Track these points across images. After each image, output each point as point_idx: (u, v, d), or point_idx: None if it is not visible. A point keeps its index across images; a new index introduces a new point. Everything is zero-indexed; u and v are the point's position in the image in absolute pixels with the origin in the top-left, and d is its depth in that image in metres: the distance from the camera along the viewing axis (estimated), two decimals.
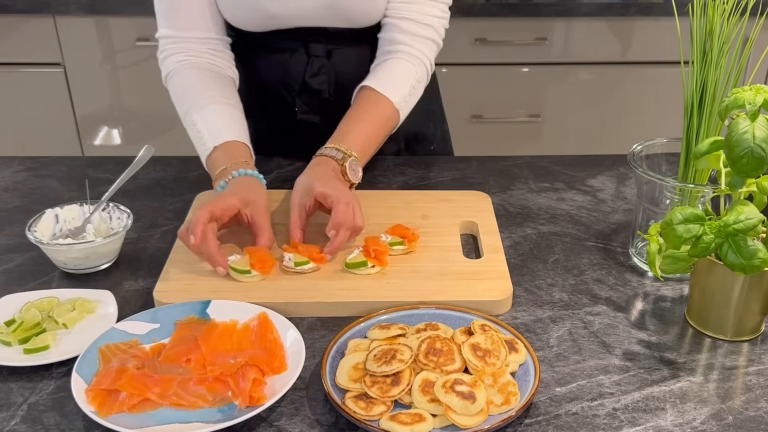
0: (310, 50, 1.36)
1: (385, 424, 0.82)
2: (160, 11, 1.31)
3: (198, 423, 0.84)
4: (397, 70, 1.30)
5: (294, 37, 1.34)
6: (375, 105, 1.27)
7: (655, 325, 1.02)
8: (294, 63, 1.37)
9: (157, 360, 0.92)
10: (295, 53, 1.36)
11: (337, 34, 1.34)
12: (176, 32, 1.30)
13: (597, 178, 1.41)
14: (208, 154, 1.22)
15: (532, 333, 1.00)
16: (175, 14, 1.30)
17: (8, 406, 0.88)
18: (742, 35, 1.02)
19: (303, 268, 1.08)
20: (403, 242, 1.13)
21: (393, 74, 1.30)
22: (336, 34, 1.34)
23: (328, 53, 1.36)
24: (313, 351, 0.96)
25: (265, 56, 1.39)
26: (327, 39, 1.35)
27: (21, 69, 2.40)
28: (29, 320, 0.98)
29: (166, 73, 1.32)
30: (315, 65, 1.36)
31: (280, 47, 1.36)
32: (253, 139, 1.29)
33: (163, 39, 1.31)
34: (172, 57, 1.30)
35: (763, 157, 0.89)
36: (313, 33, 1.34)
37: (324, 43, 1.35)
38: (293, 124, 1.42)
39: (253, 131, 1.33)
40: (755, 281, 0.94)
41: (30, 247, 1.15)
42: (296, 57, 1.36)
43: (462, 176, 1.41)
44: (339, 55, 1.37)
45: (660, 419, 0.86)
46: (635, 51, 2.44)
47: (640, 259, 1.14)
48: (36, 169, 1.42)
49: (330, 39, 1.35)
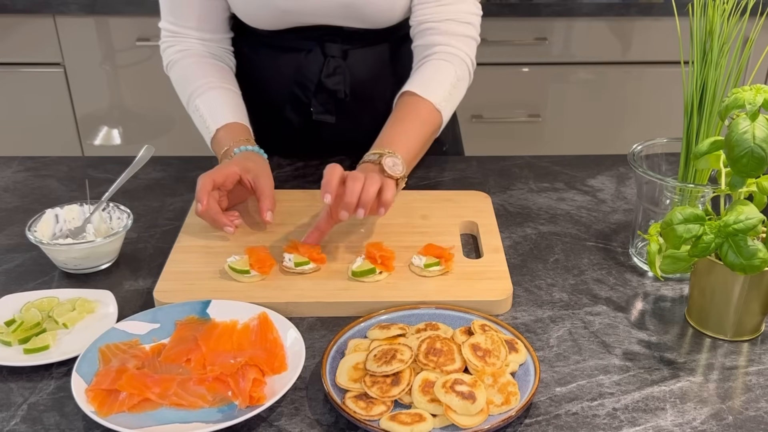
0: (326, 50, 1.35)
1: (385, 424, 0.82)
2: (163, 3, 1.34)
3: (198, 423, 0.84)
4: (436, 70, 1.30)
5: (310, 36, 1.34)
6: (414, 108, 1.26)
7: (655, 325, 1.02)
8: (310, 63, 1.37)
9: (157, 360, 0.92)
10: (311, 53, 1.36)
11: (354, 34, 1.34)
12: (176, 27, 1.34)
13: (597, 178, 1.41)
14: (212, 136, 1.27)
15: (532, 333, 1.00)
16: (176, 10, 1.33)
17: (8, 406, 0.88)
18: (742, 35, 1.02)
19: (303, 268, 1.08)
20: (439, 262, 1.08)
21: (432, 75, 1.29)
22: (352, 35, 1.34)
23: (344, 53, 1.36)
24: (313, 351, 0.96)
25: (280, 55, 1.39)
26: (343, 39, 1.35)
27: (21, 69, 2.40)
28: (29, 320, 0.98)
29: (167, 62, 1.36)
30: (331, 65, 1.36)
31: (296, 47, 1.36)
32: (266, 137, 1.31)
33: (165, 30, 1.35)
34: (173, 47, 1.35)
35: (763, 157, 0.89)
36: (329, 33, 1.34)
37: (340, 44, 1.35)
38: (308, 123, 1.42)
39: (267, 130, 1.35)
40: (755, 281, 0.94)
41: (30, 247, 1.15)
42: (312, 57, 1.36)
43: (462, 176, 1.41)
44: (355, 56, 1.37)
45: (660, 419, 0.86)
46: (635, 51, 2.44)
47: (640, 259, 1.14)
48: (36, 169, 1.42)
49: (346, 39, 1.35)
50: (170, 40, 1.34)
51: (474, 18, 1.32)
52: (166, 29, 1.34)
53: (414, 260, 1.10)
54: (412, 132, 1.23)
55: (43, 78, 2.41)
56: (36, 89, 2.43)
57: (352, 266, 1.08)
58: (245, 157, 1.20)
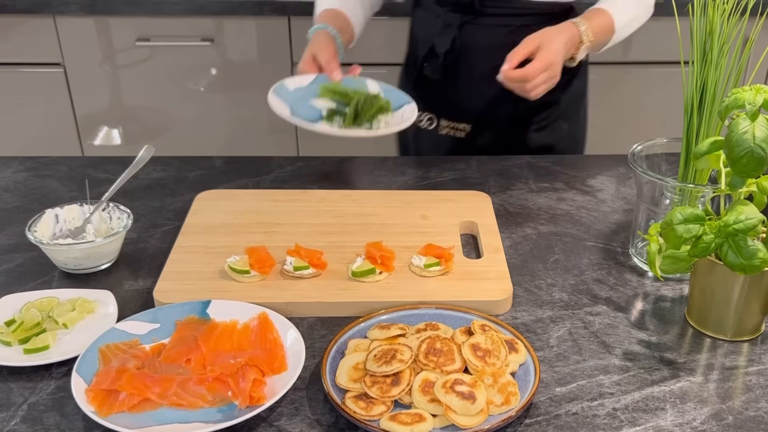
0: (447, 19, 1.46)
1: (385, 424, 0.82)
2: None
3: (198, 423, 0.84)
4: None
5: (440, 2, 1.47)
6: (602, 15, 1.40)
7: (655, 325, 1.02)
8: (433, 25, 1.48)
9: (157, 360, 0.92)
10: (440, 18, 1.47)
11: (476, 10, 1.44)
12: None
13: (597, 178, 1.41)
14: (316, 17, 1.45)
15: (532, 333, 1.00)
16: None
17: (8, 406, 0.88)
18: (742, 35, 1.02)
19: (302, 273, 1.08)
20: (439, 263, 1.09)
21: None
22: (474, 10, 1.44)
23: (462, 24, 1.45)
24: (313, 351, 0.96)
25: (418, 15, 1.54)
26: (466, 11, 1.44)
27: (21, 69, 2.40)
28: (29, 320, 0.98)
29: None
30: (447, 33, 1.46)
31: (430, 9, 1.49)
32: None
33: None
34: None
35: (763, 157, 0.89)
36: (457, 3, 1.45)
37: (461, 14, 1.45)
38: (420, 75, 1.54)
39: None
40: (755, 281, 0.94)
41: (30, 247, 1.15)
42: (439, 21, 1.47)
43: (462, 176, 1.41)
44: (469, 30, 1.45)
45: (660, 419, 0.86)
46: (635, 51, 2.44)
47: (640, 259, 1.14)
48: (36, 169, 1.42)
49: (469, 11, 1.44)
50: None
51: None
52: None
53: (414, 260, 1.10)
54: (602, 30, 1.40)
55: (43, 78, 2.41)
56: (36, 89, 2.42)
57: (352, 266, 1.08)
58: (314, 42, 1.37)
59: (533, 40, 1.31)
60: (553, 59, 1.30)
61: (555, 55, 1.30)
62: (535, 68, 1.28)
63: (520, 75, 1.28)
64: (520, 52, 1.30)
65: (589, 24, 1.37)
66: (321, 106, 1.32)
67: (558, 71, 1.31)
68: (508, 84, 1.30)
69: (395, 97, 1.36)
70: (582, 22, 1.37)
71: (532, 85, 1.29)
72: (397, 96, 1.37)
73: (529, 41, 1.31)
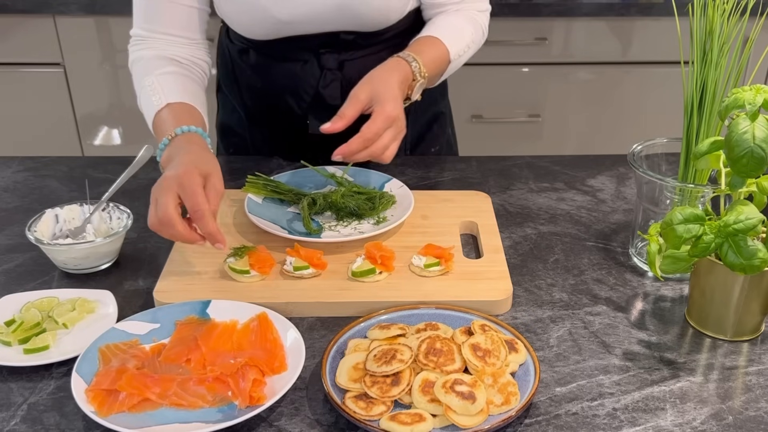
0: (323, 62, 1.33)
1: (385, 424, 0.82)
2: (137, 8, 1.30)
3: (198, 423, 0.84)
4: (455, 22, 1.31)
5: (305, 47, 1.32)
6: (434, 45, 1.27)
7: (655, 325, 1.02)
8: (306, 74, 1.34)
9: (157, 360, 0.92)
10: (307, 64, 1.33)
11: (349, 42, 1.32)
12: (148, 33, 1.28)
13: (597, 178, 1.41)
14: (156, 112, 1.16)
15: (532, 333, 1.00)
16: (152, 16, 1.28)
17: (8, 406, 0.88)
18: (742, 35, 1.02)
19: (302, 273, 1.08)
20: (439, 263, 1.08)
21: (450, 25, 1.31)
22: (348, 43, 1.32)
23: (341, 64, 1.33)
24: (313, 351, 0.96)
25: (275, 65, 1.36)
26: (339, 48, 1.32)
27: (21, 69, 2.40)
28: (29, 320, 0.98)
29: (132, 59, 1.29)
30: (328, 77, 1.33)
31: (291, 57, 1.33)
32: (262, 146, 1.29)
33: (135, 36, 1.30)
34: (140, 52, 1.29)
35: (763, 157, 0.89)
36: (325, 42, 1.31)
37: (336, 54, 1.32)
38: (303, 135, 1.38)
39: (262, 139, 1.32)
40: (755, 281, 0.94)
41: (30, 247, 1.15)
42: (308, 68, 1.33)
43: (462, 176, 1.41)
44: (352, 66, 1.33)
45: (660, 419, 0.86)
46: (635, 51, 2.44)
47: (640, 259, 1.14)
48: (36, 169, 1.42)
49: (342, 47, 1.32)
50: (140, 44, 1.28)
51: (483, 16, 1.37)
52: (137, 35, 1.29)
53: (414, 260, 1.10)
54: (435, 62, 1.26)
55: (43, 78, 2.41)
56: (36, 89, 2.43)
57: (352, 266, 1.08)
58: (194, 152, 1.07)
59: (362, 90, 1.13)
60: (393, 112, 1.11)
61: (394, 107, 1.11)
62: (378, 127, 1.09)
63: (359, 143, 1.08)
64: (349, 110, 1.11)
65: (420, 58, 1.21)
66: None
67: (404, 122, 1.14)
68: (349, 159, 1.10)
69: (371, 180, 1.29)
70: (412, 57, 1.20)
71: (380, 149, 1.10)
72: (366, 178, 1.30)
73: (359, 93, 1.12)
